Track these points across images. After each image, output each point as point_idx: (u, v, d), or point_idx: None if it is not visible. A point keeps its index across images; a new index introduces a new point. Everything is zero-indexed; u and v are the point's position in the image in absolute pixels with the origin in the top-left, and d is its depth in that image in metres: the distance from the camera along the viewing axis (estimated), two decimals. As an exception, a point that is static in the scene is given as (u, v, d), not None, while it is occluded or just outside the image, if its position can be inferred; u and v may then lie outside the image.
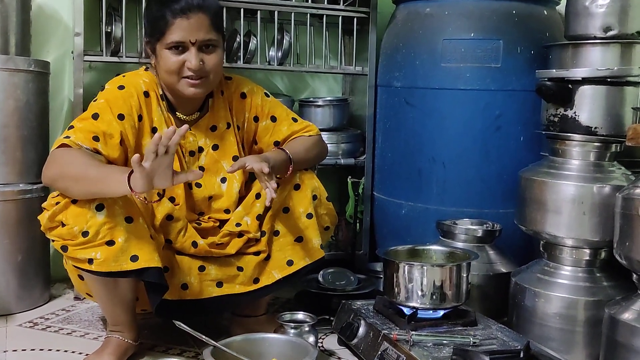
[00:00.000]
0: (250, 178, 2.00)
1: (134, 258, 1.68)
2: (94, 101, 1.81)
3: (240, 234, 1.92)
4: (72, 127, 1.75)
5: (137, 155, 1.50)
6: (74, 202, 1.66)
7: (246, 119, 1.99)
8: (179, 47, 1.78)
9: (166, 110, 1.88)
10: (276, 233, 1.94)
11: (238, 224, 1.92)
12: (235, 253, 1.91)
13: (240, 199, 1.97)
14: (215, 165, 1.95)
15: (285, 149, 1.91)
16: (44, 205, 1.73)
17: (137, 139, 1.82)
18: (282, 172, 1.89)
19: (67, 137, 1.71)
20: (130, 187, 1.55)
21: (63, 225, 1.67)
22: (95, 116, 1.75)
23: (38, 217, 1.72)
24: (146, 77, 1.87)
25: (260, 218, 1.93)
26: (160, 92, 1.88)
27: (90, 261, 1.67)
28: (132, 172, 1.55)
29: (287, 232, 1.92)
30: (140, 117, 1.82)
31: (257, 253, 1.92)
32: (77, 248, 1.67)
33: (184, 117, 1.90)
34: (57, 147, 1.70)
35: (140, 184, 1.53)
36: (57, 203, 1.68)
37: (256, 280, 1.91)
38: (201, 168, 1.93)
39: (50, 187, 1.74)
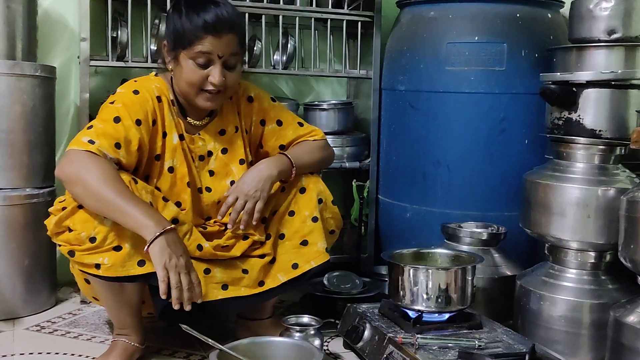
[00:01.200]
0: None
1: (141, 263, 1.69)
2: (111, 103, 1.79)
3: (245, 237, 1.92)
4: (91, 126, 1.73)
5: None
6: (81, 206, 1.67)
7: (253, 122, 2.00)
8: (204, 60, 1.78)
9: (177, 115, 1.89)
10: (281, 236, 1.94)
11: None
12: (240, 255, 1.91)
13: None
14: (225, 168, 1.96)
15: (286, 154, 1.92)
16: (50, 210, 1.73)
17: (150, 143, 1.83)
18: (286, 176, 1.90)
19: (92, 141, 1.68)
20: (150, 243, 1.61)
21: (70, 230, 1.68)
22: (116, 120, 1.74)
23: (45, 222, 1.73)
24: (157, 82, 1.88)
25: (265, 221, 1.93)
26: (172, 97, 1.88)
27: (98, 266, 1.67)
28: (162, 233, 1.60)
29: (293, 236, 1.93)
30: (154, 122, 1.83)
31: (262, 256, 1.93)
32: (85, 253, 1.67)
33: (195, 121, 1.92)
34: (83, 150, 1.67)
35: (160, 254, 1.60)
36: (64, 208, 1.69)
37: (261, 283, 1.92)
38: (211, 172, 1.94)
39: (63, 183, 1.70)
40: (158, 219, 1.64)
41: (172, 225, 1.65)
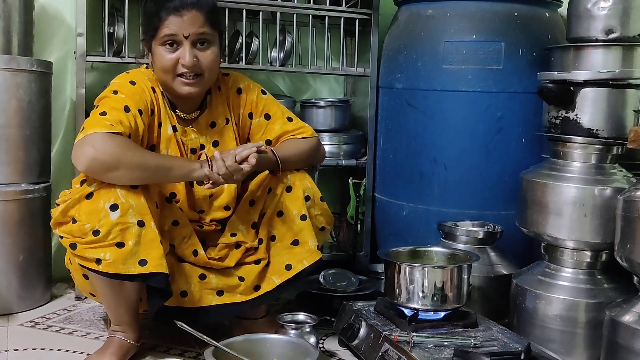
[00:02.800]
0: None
1: (142, 262, 1.68)
2: (114, 93, 1.78)
3: (237, 245, 1.92)
4: (104, 112, 1.70)
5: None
6: (89, 197, 1.66)
7: (241, 114, 1.99)
8: (173, 43, 1.79)
9: (169, 108, 1.89)
10: (273, 238, 1.93)
11: (233, 234, 1.92)
12: (235, 264, 1.91)
13: (237, 197, 1.97)
14: (216, 162, 1.95)
15: (273, 150, 1.89)
16: (57, 201, 1.74)
17: (147, 133, 1.83)
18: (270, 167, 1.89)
19: (113, 125, 1.67)
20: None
21: (74, 221, 1.67)
22: (126, 109, 1.74)
23: (51, 211, 1.73)
24: (149, 74, 1.89)
25: (255, 226, 1.93)
26: (161, 90, 1.88)
27: (99, 261, 1.66)
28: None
29: (283, 236, 1.92)
30: (152, 112, 1.84)
31: (257, 261, 1.92)
32: (87, 247, 1.66)
33: (184, 115, 1.91)
34: (112, 132, 1.65)
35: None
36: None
37: (257, 288, 1.91)
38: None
39: (91, 172, 1.66)
40: (195, 161, 1.78)
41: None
